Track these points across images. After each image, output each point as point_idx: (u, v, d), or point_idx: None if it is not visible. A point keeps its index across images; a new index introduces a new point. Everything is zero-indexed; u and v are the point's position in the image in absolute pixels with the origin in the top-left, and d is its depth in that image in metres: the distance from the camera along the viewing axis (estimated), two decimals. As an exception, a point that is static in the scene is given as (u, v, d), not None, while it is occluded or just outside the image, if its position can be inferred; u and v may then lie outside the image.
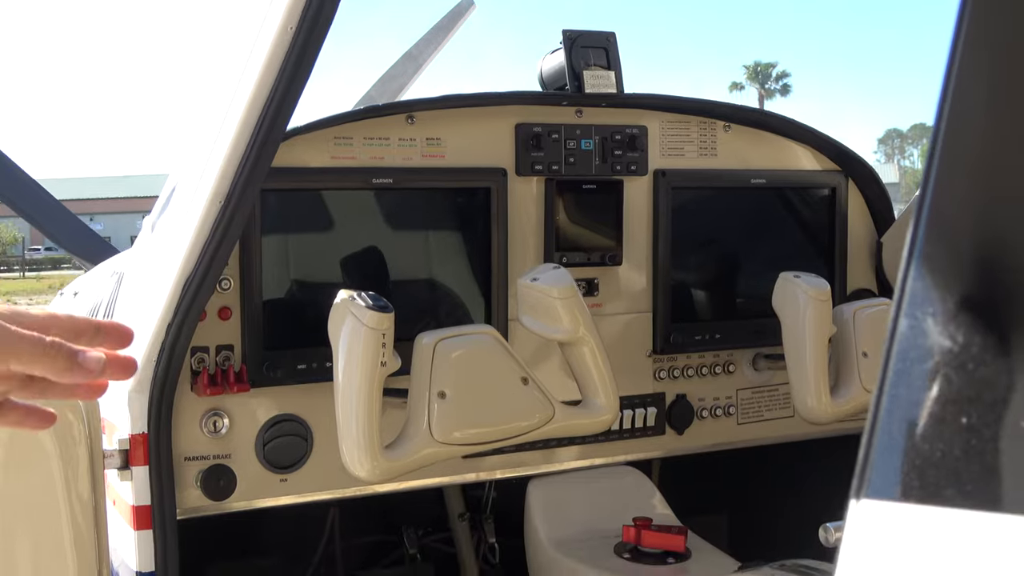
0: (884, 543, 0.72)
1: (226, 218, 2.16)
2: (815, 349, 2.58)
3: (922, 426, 0.72)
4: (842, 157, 3.02)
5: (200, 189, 2.19)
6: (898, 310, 0.76)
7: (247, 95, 2.04)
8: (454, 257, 2.69)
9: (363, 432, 2.11)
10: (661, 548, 2.60)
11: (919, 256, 0.74)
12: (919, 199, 0.78)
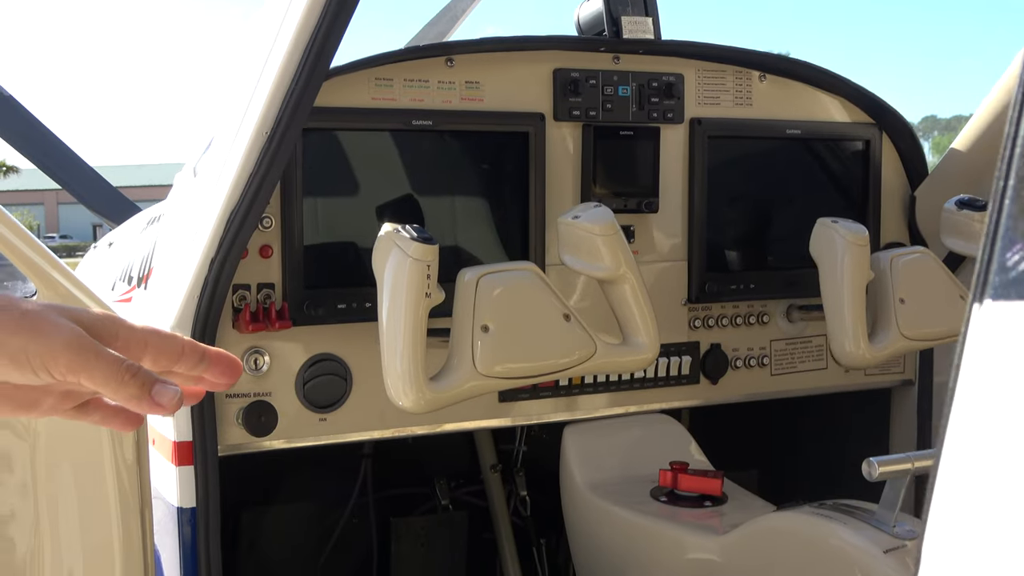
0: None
1: (271, 151, 2.16)
2: (853, 294, 2.58)
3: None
4: (877, 109, 3.02)
5: (244, 124, 2.20)
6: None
7: (293, 26, 2.05)
8: (491, 202, 2.69)
9: (408, 363, 2.12)
10: (698, 492, 2.61)
11: None
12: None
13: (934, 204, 3.00)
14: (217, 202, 2.24)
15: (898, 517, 2.21)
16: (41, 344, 0.93)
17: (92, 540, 2.20)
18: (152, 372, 0.96)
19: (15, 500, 2.13)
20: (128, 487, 2.23)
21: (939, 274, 2.73)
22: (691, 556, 2.46)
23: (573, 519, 2.74)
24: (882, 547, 2.16)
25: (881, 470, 2.13)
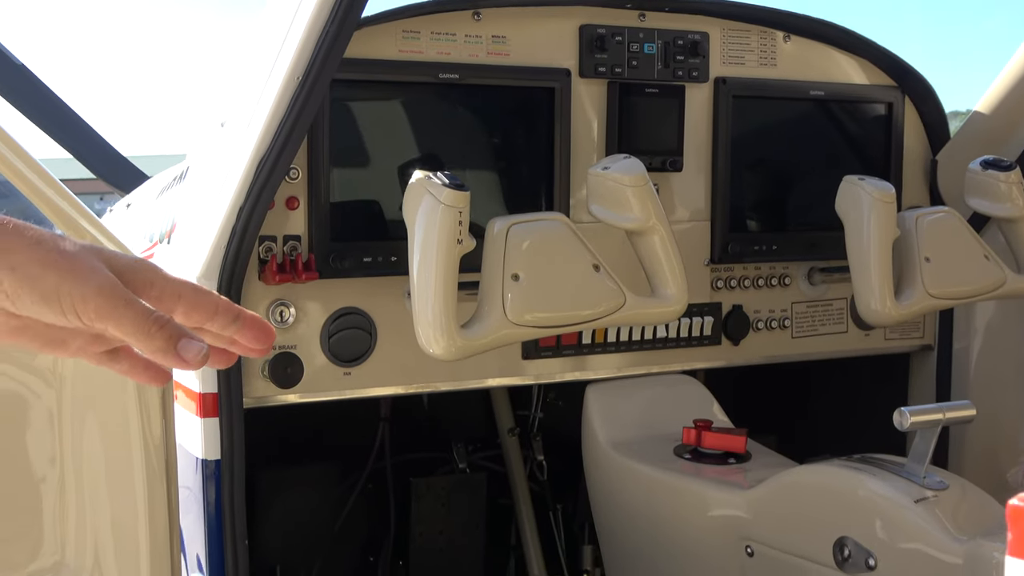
0: None
1: (302, 96, 2.16)
2: (879, 252, 2.57)
3: None
4: (900, 72, 3.02)
5: (275, 71, 2.19)
6: None
7: None
8: (515, 157, 2.68)
9: (440, 308, 2.11)
10: (722, 449, 2.60)
11: None
12: None
13: (956, 169, 2.99)
14: (246, 150, 2.22)
15: (927, 468, 2.21)
16: (74, 286, 0.92)
17: (116, 490, 2.19)
18: (181, 326, 0.95)
19: (40, 445, 2.12)
20: (153, 438, 2.21)
21: (964, 234, 2.73)
22: (717, 512, 2.45)
23: (595, 477, 2.73)
24: (912, 497, 2.15)
25: (913, 420, 2.13)
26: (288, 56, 2.13)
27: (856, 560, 2.19)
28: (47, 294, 0.92)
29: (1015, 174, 2.75)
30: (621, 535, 2.69)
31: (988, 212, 2.79)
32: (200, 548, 2.40)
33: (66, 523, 2.15)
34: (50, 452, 2.13)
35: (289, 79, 2.14)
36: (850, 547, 2.19)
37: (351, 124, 2.47)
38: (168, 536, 2.20)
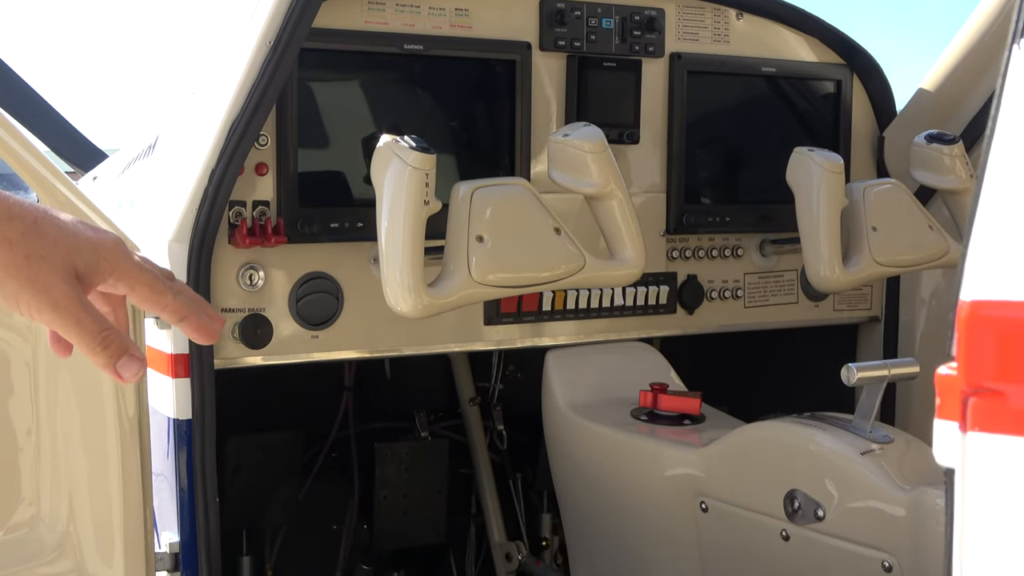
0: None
1: (273, 62, 2.22)
2: (828, 221, 2.67)
3: None
4: (849, 50, 3.12)
5: (247, 37, 2.25)
6: None
7: None
8: (478, 127, 2.76)
9: (407, 268, 2.18)
10: (677, 411, 2.69)
11: None
12: None
13: (902, 144, 3.10)
14: (217, 115, 2.29)
15: (873, 424, 2.31)
16: (32, 297, 1.01)
17: (90, 447, 2.23)
18: (125, 341, 1.05)
19: (16, 401, 2.16)
20: (126, 398, 2.26)
21: (910, 204, 2.83)
22: (672, 470, 2.54)
23: (555, 439, 2.81)
24: (859, 450, 2.25)
25: (860, 375, 2.23)
26: (260, 22, 2.20)
27: (806, 511, 2.28)
28: (8, 298, 1.02)
29: (958, 147, 2.85)
30: (580, 494, 2.77)
31: (933, 184, 2.89)
32: (171, 506, 2.46)
33: (41, 478, 2.20)
34: (26, 408, 2.18)
35: (260, 45, 2.21)
36: (800, 499, 2.29)
37: (318, 93, 2.53)
38: (141, 493, 2.25)
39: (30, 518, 2.22)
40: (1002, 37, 2.91)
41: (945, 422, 0.81)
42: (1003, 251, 0.82)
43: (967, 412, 0.79)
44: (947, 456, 0.82)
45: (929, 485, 2.14)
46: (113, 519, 2.25)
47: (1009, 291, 0.78)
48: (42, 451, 2.20)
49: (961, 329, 0.81)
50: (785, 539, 2.32)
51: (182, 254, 2.35)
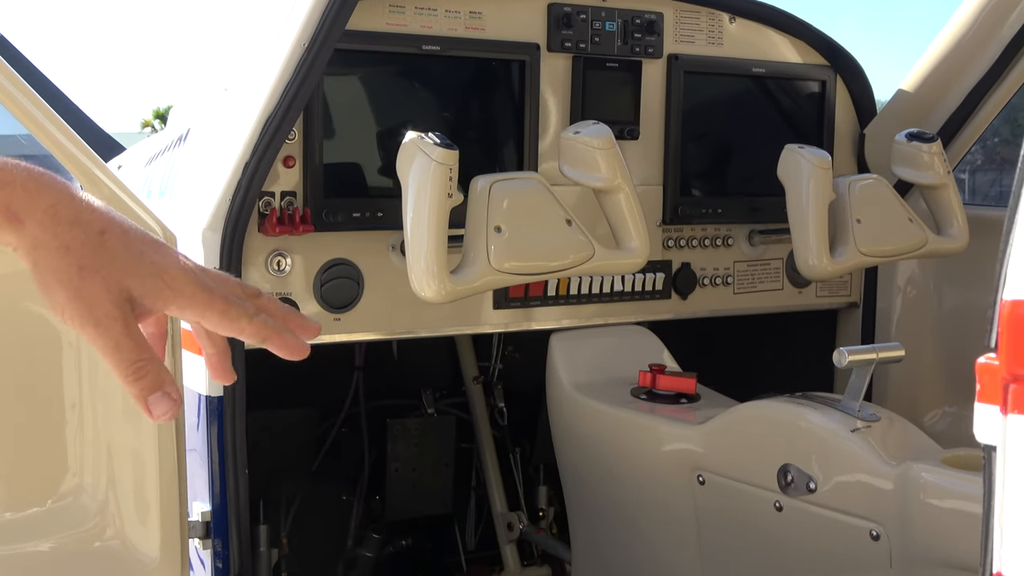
0: None
1: (308, 62, 2.38)
2: (816, 213, 2.86)
3: None
4: (833, 53, 3.31)
5: (283, 37, 2.40)
6: None
7: None
8: (489, 122, 2.93)
9: (432, 257, 2.35)
10: (674, 390, 2.87)
11: None
12: None
13: (882, 141, 3.29)
14: (253, 110, 2.44)
15: (861, 403, 2.50)
16: (76, 311, 0.98)
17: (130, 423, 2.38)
18: (162, 373, 1.00)
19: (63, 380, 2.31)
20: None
21: (891, 198, 3.02)
22: (671, 445, 2.72)
23: (559, 417, 2.98)
24: (849, 427, 2.44)
25: (851, 358, 2.42)
26: (296, 24, 2.35)
27: (798, 484, 2.47)
28: (55, 306, 0.98)
29: (936, 145, 3.04)
30: (582, 469, 2.95)
31: (912, 179, 3.08)
32: (203, 478, 2.61)
33: (84, 450, 2.35)
34: (72, 383, 2.33)
35: (296, 46, 2.36)
36: (793, 473, 2.48)
37: (341, 90, 2.69)
38: (176, 465, 2.40)
39: (74, 487, 2.37)
40: (977, 43, 3.12)
41: (986, 406, 0.96)
42: None
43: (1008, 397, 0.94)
44: (988, 435, 0.97)
45: (914, 460, 2.33)
46: (150, 489, 2.40)
47: None
48: (85, 424, 2.35)
49: (1003, 325, 0.96)
50: (779, 510, 2.51)
51: (215, 241, 2.50)
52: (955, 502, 2.25)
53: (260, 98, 2.43)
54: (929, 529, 2.28)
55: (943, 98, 3.26)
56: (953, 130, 3.26)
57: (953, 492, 2.25)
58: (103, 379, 2.35)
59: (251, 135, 2.44)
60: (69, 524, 2.36)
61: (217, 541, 2.60)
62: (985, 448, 0.99)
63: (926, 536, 2.29)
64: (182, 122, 2.96)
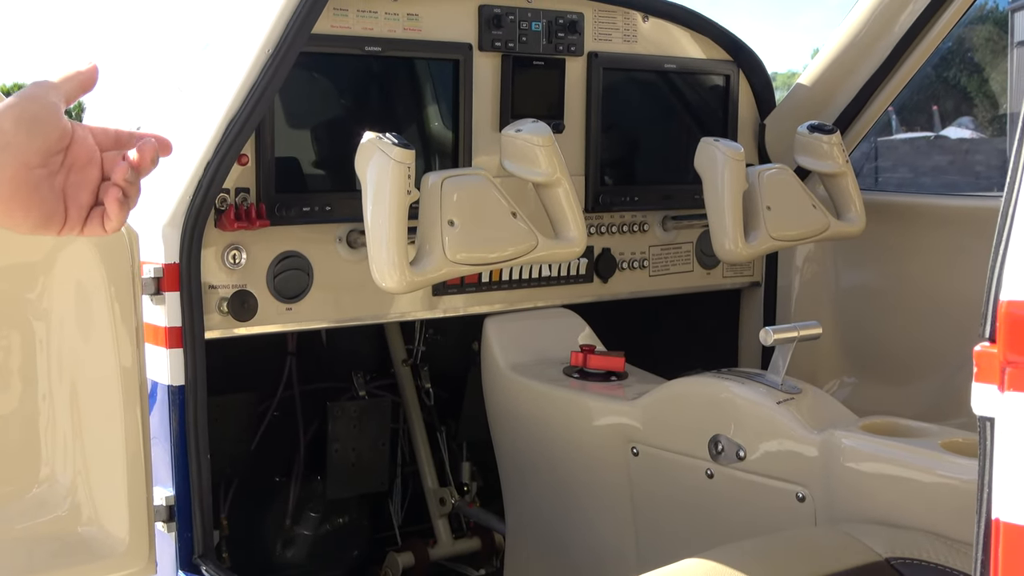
0: None
1: (273, 67, 2.50)
2: (732, 202, 3.08)
3: None
4: (736, 49, 3.54)
5: (249, 42, 2.52)
6: None
7: None
8: (427, 118, 3.08)
9: (393, 251, 2.49)
10: (604, 369, 3.07)
11: None
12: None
13: (781, 131, 3.54)
14: (216, 112, 2.55)
15: (784, 378, 2.73)
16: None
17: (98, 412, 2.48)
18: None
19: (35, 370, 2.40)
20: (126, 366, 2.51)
21: (796, 186, 3.26)
22: (604, 420, 2.92)
23: (495, 397, 3.16)
24: (775, 399, 2.66)
25: (775, 336, 2.64)
26: (263, 28, 2.47)
27: (728, 453, 2.69)
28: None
29: (836, 136, 3.30)
30: (518, 446, 3.13)
31: (813, 168, 3.33)
32: (165, 463, 2.72)
33: (56, 439, 2.44)
34: (44, 377, 2.42)
35: (261, 51, 2.48)
36: (723, 443, 2.69)
37: (291, 90, 2.81)
38: (142, 452, 2.51)
39: (48, 475, 2.47)
40: (870, 40, 3.37)
41: (985, 385, 1.17)
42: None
43: (1005, 378, 1.15)
44: (987, 409, 1.18)
45: (835, 428, 2.57)
46: (118, 476, 2.51)
47: None
48: (56, 414, 2.45)
49: (1001, 321, 1.16)
50: (710, 477, 2.72)
51: (175, 237, 2.61)
52: (873, 464, 2.49)
53: (223, 100, 2.54)
54: (850, 490, 2.52)
55: (838, 92, 3.51)
56: (847, 121, 3.51)
57: (871, 455, 2.50)
58: (71, 369, 2.45)
59: (214, 136, 2.56)
60: (42, 511, 2.45)
61: (181, 523, 2.71)
62: (982, 420, 1.20)
63: (848, 496, 2.52)
64: (127, 118, 3.04)
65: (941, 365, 3.41)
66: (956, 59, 14.94)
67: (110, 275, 2.51)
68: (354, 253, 2.89)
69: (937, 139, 17.59)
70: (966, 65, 16.69)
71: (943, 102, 17.72)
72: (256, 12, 2.52)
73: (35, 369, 2.42)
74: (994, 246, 1.18)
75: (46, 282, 2.41)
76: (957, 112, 17.74)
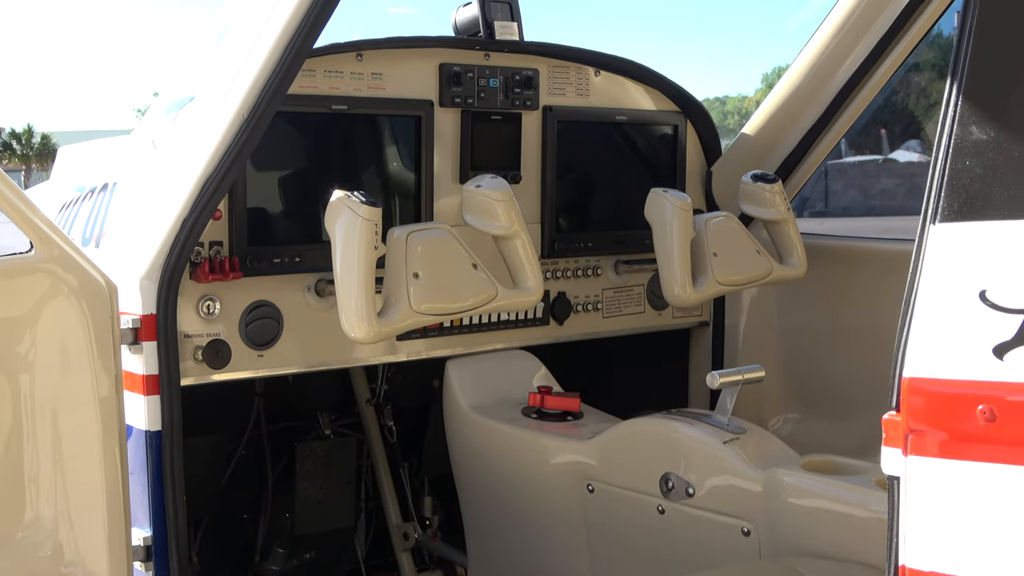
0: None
1: (249, 129, 2.64)
2: (680, 249, 3.25)
3: None
4: (683, 101, 3.72)
5: (225, 105, 2.66)
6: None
7: (281, 21, 2.53)
8: (390, 172, 3.23)
9: (362, 303, 2.64)
10: (561, 409, 3.22)
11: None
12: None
13: (726, 177, 3.73)
14: (193, 172, 2.69)
15: (730, 418, 2.90)
16: None
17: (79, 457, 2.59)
18: None
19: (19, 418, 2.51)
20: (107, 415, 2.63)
21: (740, 233, 3.44)
22: (561, 459, 3.08)
23: (457, 436, 3.31)
24: (721, 439, 2.83)
25: (721, 380, 2.81)
26: (239, 93, 2.61)
27: (678, 490, 2.85)
28: None
29: (777, 185, 3.47)
30: (479, 483, 3.28)
31: (757, 215, 3.51)
32: (142, 504, 2.85)
33: (39, 486, 2.56)
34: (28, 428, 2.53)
35: (237, 115, 2.62)
36: (674, 480, 2.86)
37: (262, 147, 2.95)
38: (121, 496, 2.63)
39: (32, 518, 2.58)
40: (810, 92, 3.56)
41: (892, 448, 1.34)
42: (929, 344, 1.34)
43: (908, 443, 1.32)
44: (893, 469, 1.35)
45: (777, 466, 2.73)
46: (98, 519, 2.62)
47: (930, 371, 1.30)
48: (40, 460, 2.56)
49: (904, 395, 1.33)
50: (661, 512, 2.88)
51: (152, 289, 2.74)
52: (813, 501, 2.67)
53: (199, 160, 2.68)
54: (792, 524, 2.69)
55: (781, 141, 3.70)
56: (789, 168, 3.70)
57: (811, 492, 2.67)
58: (53, 416, 2.56)
59: (191, 194, 2.69)
60: (27, 553, 2.57)
61: (158, 562, 2.84)
62: (890, 478, 1.37)
63: (790, 530, 2.69)
64: (98, 173, 3.17)
65: (878, 402, 3.54)
66: (904, 83, 15.28)
67: (91, 326, 2.63)
68: (322, 301, 3.03)
69: (886, 162, 17.95)
70: (913, 89, 17.04)
71: (891, 125, 18.08)
72: (231, 74, 2.66)
73: (20, 417, 2.53)
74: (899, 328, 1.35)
75: (32, 334, 2.52)
76: (905, 135, 18.11)
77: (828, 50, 3.55)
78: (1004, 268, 1.28)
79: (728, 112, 57.77)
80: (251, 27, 2.65)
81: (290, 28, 2.55)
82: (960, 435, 1.25)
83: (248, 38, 2.64)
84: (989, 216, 1.31)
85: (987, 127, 1.32)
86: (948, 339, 1.28)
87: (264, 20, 2.60)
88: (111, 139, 3.51)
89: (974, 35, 1.37)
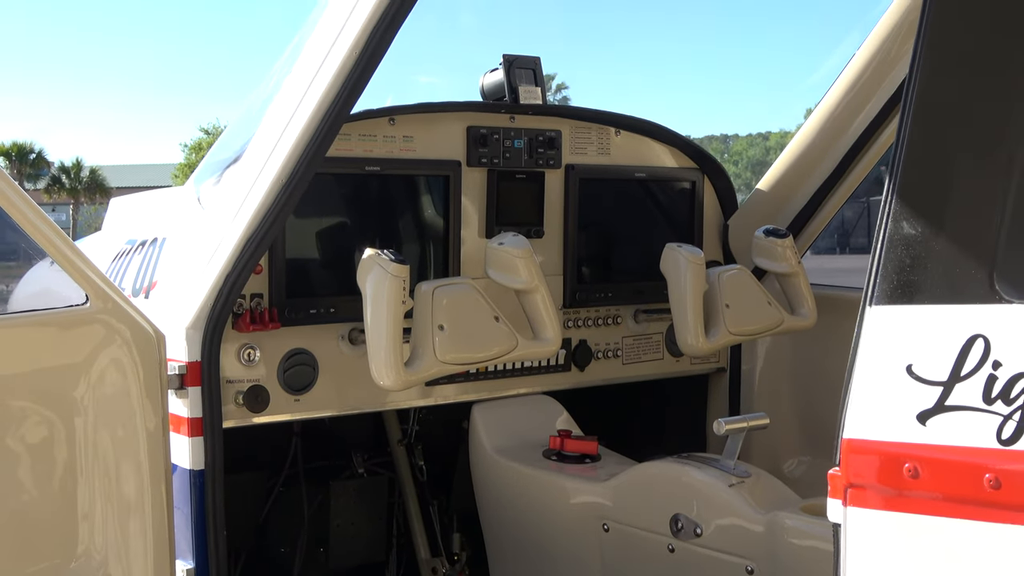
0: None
1: (289, 191, 2.86)
2: (693, 301, 3.44)
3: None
4: (700, 157, 3.92)
5: (267, 168, 2.88)
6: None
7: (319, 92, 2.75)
8: (420, 227, 3.44)
9: (390, 354, 2.84)
10: (580, 452, 3.42)
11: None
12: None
13: (742, 230, 3.91)
14: (236, 230, 2.91)
15: (736, 463, 3.08)
16: None
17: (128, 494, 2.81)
18: None
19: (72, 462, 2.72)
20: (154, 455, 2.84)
21: (752, 285, 3.62)
22: (579, 499, 3.27)
23: (481, 477, 3.51)
24: (727, 483, 3.01)
25: (727, 427, 3.00)
26: (281, 155, 2.82)
27: (687, 530, 3.03)
28: None
29: (788, 240, 3.66)
30: (503, 521, 3.47)
31: (769, 269, 3.69)
32: (186, 538, 3.06)
33: (92, 520, 2.77)
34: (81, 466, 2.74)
35: (277, 179, 2.84)
36: (683, 521, 3.04)
37: (300, 206, 3.17)
38: (167, 529, 2.83)
39: (84, 550, 2.79)
40: (821, 151, 3.75)
41: (834, 500, 1.52)
42: (864, 410, 1.53)
43: (847, 496, 1.50)
44: (836, 516, 1.53)
45: (779, 509, 2.91)
46: (145, 552, 2.83)
47: (865, 433, 1.49)
48: (93, 496, 2.77)
49: (844, 453, 1.52)
50: (671, 551, 3.07)
51: (197, 339, 2.96)
52: (812, 542, 2.84)
53: (244, 219, 2.90)
54: (792, 564, 2.86)
55: (794, 196, 3.88)
56: (801, 223, 3.89)
57: (811, 534, 2.84)
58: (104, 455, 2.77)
59: (234, 251, 2.91)
60: (80, 583, 2.78)
61: None
62: (834, 526, 1.55)
63: (790, 570, 2.86)
64: (148, 227, 3.40)
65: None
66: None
67: (141, 372, 2.85)
68: (355, 349, 3.24)
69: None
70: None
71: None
72: (274, 137, 2.88)
73: (75, 457, 2.74)
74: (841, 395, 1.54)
75: (87, 380, 2.74)
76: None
77: (839, 109, 3.74)
78: (927, 346, 1.47)
79: (771, 148, 57.71)
80: (294, 94, 2.87)
81: (328, 96, 2.76)
82: (889, 489, 1.43)
83: (290, 104, 2.86)
84: (916, 300, 1.49)
85: (915, 223, 1.51)
86: (880, 406, 1.46)
87: (304, 89, 2.82)
88: (159, 192, 3.75)
89: (906, 144, 1.56)
